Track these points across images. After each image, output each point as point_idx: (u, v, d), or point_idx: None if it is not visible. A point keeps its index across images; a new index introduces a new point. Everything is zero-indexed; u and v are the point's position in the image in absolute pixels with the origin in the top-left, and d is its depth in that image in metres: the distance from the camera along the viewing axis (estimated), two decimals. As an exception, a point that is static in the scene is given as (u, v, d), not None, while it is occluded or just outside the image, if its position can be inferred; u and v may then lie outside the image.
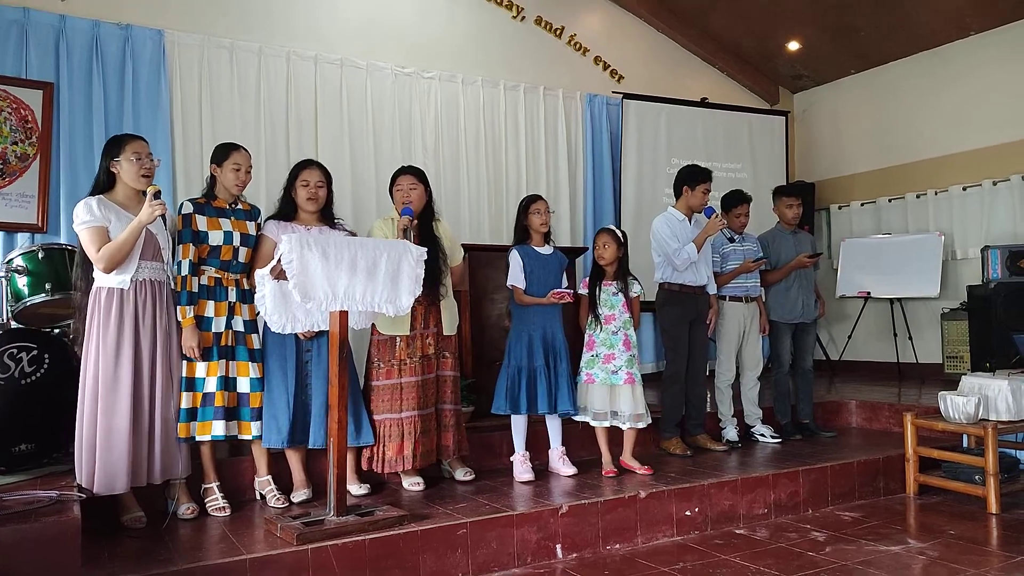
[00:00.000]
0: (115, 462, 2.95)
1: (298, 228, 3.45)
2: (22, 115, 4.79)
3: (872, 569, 2.94)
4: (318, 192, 3.50)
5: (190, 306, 3.19)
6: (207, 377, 3.21)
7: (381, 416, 3.52)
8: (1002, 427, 3.84)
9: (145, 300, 3.07)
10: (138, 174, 3.09)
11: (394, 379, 3.54)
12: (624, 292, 3.92)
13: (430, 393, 3.61)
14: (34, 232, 4.77)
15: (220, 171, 3.36)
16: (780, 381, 4.81)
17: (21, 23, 4.83)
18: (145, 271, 3.09)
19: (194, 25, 5.40)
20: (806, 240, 4.97)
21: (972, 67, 6.85)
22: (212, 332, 3.24)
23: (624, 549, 3.26)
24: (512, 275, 3.83)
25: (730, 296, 4.61)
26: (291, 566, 2.64)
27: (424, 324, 3.62)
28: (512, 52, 6.72)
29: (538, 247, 3.90)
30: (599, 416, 3.85)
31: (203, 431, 3.19)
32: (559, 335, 3.84)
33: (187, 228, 3.23)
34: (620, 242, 3.95)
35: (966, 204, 6.87)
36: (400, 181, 3.71)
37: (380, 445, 3.51)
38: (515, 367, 3.76)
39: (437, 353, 3.66)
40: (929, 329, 6.99)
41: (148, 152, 3.14)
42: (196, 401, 3.19)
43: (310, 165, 3.57)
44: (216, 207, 3.35)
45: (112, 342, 2.99)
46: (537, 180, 6.63)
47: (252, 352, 3.35)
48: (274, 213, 3.55)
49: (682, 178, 4.42)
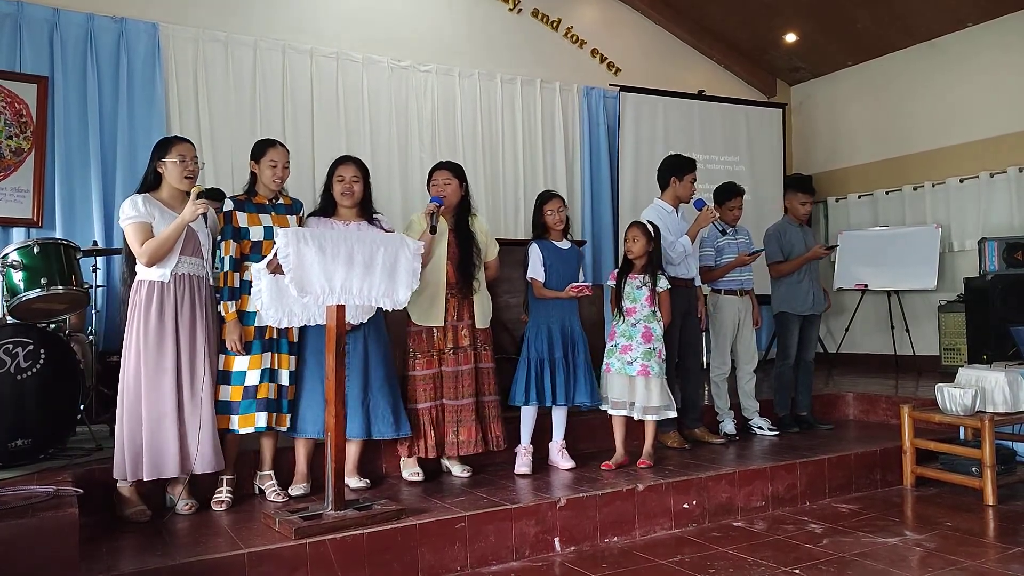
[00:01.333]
0: (164, 446, 3.01)
1: (337, 224, 3.49)
2: (16, 109, 4.77)
3: (869, 561, 2.94)
4: (353, 187, 3.51)
5: (232, 301, 3.23)
6: (248, 370, 3.25)
7: (425, 404, 3.60)
8: (999, 419, 3.85)
9: (184, 294, 3.12)
10: (181, 175, 3.15)
11: (433, 369, 3.62)
12: (648, 286, 3.91)
13: (467, 384, 3.66)
14: (29, 227, 4.76)
15: (258, 168, 3.39)
16: (783, 373, 4.79)
17: (15, 17, 4.81)
18: (185, 266, 3.14)
19: (188, 18, 5.38)
20: (810, 234, 4.97)
21: (969, 59, 6.84)
22: (255, 326, 3.28)
23: (622, 542, 3.26)
24: (532, 268, 3.86)
25: (725, 289, 4.60)
26: (289, 560, 2.64)
27: (457, 316, 3.67)
28: (509, 45, 6.70)
29: (556, 241, 3.93)
30: (617, 405, 3.87)
31: (245, 423, 3.22)
32: (577, 327, 3.87)
33: (228, 225, 3.28)
34: (650, 236, 3.94)
35: (963, 196, 6.88)
36: (436, 176, 3.75)
37: (429, 431, 3.58)
38: (535, 359, 3.79)
39: (475, 345, 3.70)
40: (926, 321, 7.00)
41: (194, 155, 3.22)
42: (234, 395, 3.23)
43: (345, 161, 3.58)
44: (256, 203, 3.37)
45: (154, 333, 3.05)
46: (534, 173, 6.62)
47: (291, 345, 3.40)
48: (315, 209, 3.59)
49: (669, 168, 4.38)
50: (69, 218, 4.95)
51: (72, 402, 3.49)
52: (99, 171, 5.01)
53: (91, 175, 5.00)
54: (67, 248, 3.66)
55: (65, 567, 2.39)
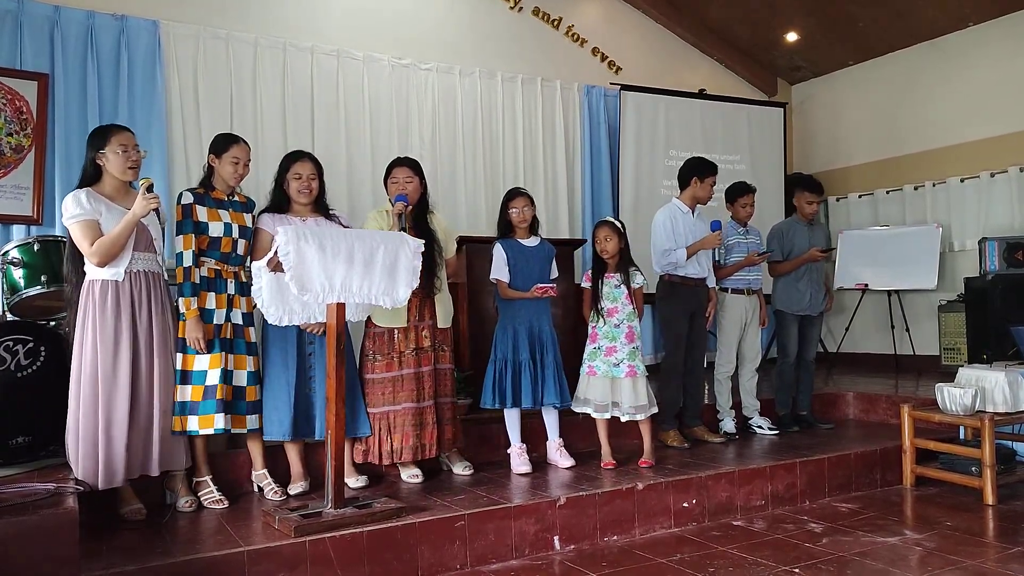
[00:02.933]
0: (115, 455, 2.94)
1: (294, 220, 3.42)
2: (17, 106, 4.76)
3: (869, 560, 2.95)
4: (311, 184, 3.46)
5: (193, 297, 3.16)
6: (208, 370, 3.18)
7: (381, 408, 3.51)
8: (999, 419, 3.85)
9: (140, 292, 3.05)
10: (125, 166, 3.06)
11: (394, 371, 3.53)
12: (626, 284, 3.92)
13: (427, 385, 3.59)
14: (29, 224, 4.75)
15: (219, 162, 3.33)
16: (784, 372, 4.80)
17: (16, 14, 4.80)
18: (139, 263, 3.07)
19: (189, 16, 5.37)
20: (820, 233, 4.95)
21: (971, 59, 6.84)
22: (213, 324, 3.23)
23: (622, 541, 3.26)
24: (495, 269, 3.81)
25: (732, 288, 4.60)
26: (289, 558, 2.64)
27: (419, 316, 3.60)
28: (509, 43, 6.69)
29: (523, 239, 3.88)
30: (600, 408, 3.85)
31: (205, 424, 3.15)
32: (546, 327, 3.82)
33: (187, 219, 3.20)
34: (621, 234, 3.94)
35: (964, 196, 6.87)
36: (395, 173, 3.67)
37: (384, 437, 3.50)
38: (501, 360, 3.76)
39: (434, 346, 3.64)
40: (926, 321, 6.99)
41: (135, 144, 3.11)
42: (192, 395, 3.16)
43: (301, 157, 3.51)
44: (215, 198, 3.32)
45: (110, 335, 2.97)
46: (535, 172, 6.62)
47: (249, 345, 3.34)
48: (267, 206, 3.51)
49: (691, 168, 4.40)
50: (69, 215, 4.94)
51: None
52: (99, 168, 5.00)
53: (91, 172, 4.99)
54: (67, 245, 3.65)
55: (65, 564, 2.39)
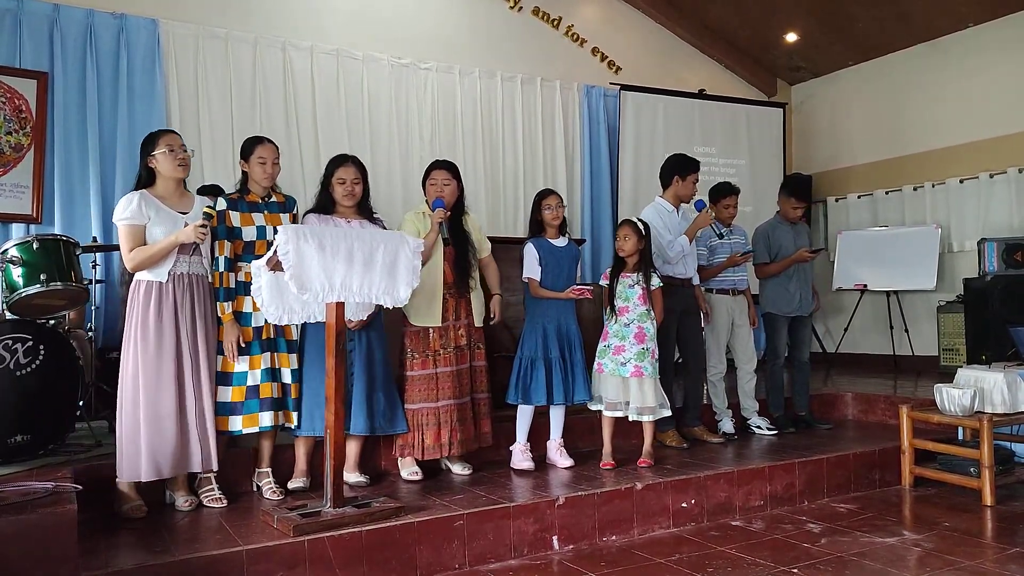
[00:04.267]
0: (163, 447, 3.01)
1: (339, 221, 3.48)
2: (16, 105, 4.76)
3: (867, 560, 2.95)
4: (354, 188, 3.51)
5: (228, 302, 3.23)
6: (250, 371, 3.24)
7: (418, 405, 3.58)
8: (997, 420, 3.85)
9: (184, 294, 3.11)
10: (175, 165, 3.15)
11: (429, 369, 3.60)
12: (641, 284, 3.89)
13: (464, 382, 3.67)
14: (29, 223, 4.75)
15: (248, 166, 3.38)
16: (775, 373, 4.81)
17: (15, 12, 4.80)
18: (183, 265, 3.13)
19: (189, 15, 5.38)
20: (804, 233, 4.95)
21: (970, 59, 6.84)
22: (252, 327, 3.28)
23: (621, 541, 3.26)
24: (528, 268, 3.85)
25: (717, 289, 4.60)
26: (288, 557, 2.64)
27: (456, 316, 3.67)
28: (509, 43, 6.70)
29: (552, 239, 3.91)
30: (611, 406, 3.86)
31: (249, 423, 3.22)
32: (573, 326, 3.87)
33: (221, 225, 3.26)
34: (641, 234, 3.92)
35: (963, 197, 6.88)
36: (435, 175, 3.73)
37: (419, 433, 3.57)
38: (528, 358, 3.79)
39: (470, 344, 3.71)
40: (925, 321, 7.00)
41: (181, 143, 3.21)
42: (235, 395, 3.22)
43: (345, 162, 3.55)
44: (249, 202, 3.36)
45: (153, 333, 3.04)
46: (534, 172, 6.62)
47: (290, 343, 3.41)
48: (313, 207, 3.56)
49: (672, 167, 4.39)
50: (68, 214, 4.94)
51: (71, 398, 3.49)
52: (98, 167, 5.01)
53: (90, 171, 5.00)
54: (66, 244, 3.65)
55: (64, 563, 2.39)
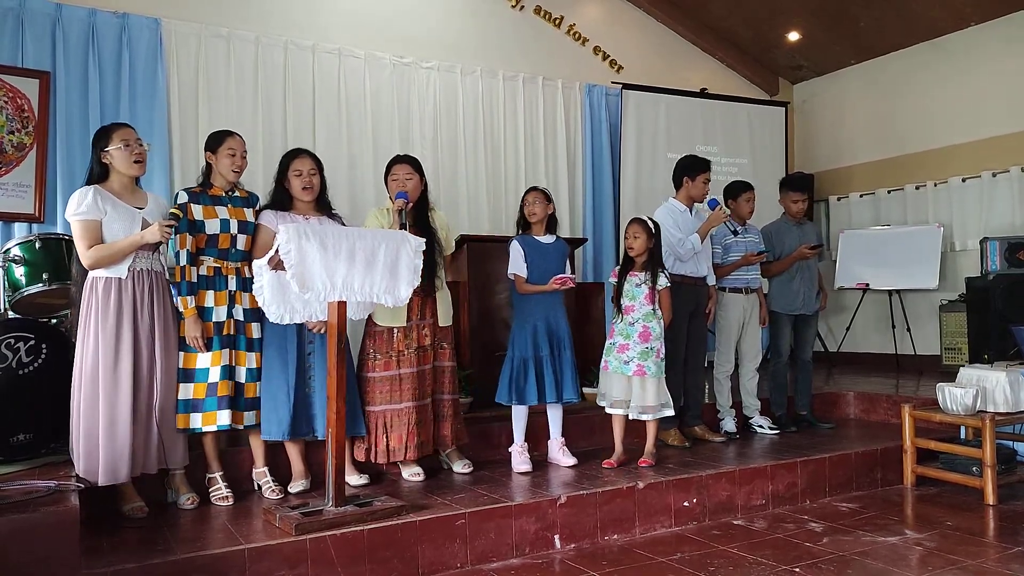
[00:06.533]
0: (118, 451, 2.95)
1: (296, 217, 3.42)
2: (18, 104, 4.76)
3: (869, 560, 2.95)
4: (312, 180, 3.45)
5: (191, 296, 3.18)
6: (211, 367, 3.20)
7: (381, 407, 3.51)
8: (1000, 419, 3.85)
9: (143, 290, 3.06)
10: (130, 160, 3.08)
11: (392, 371, 3.53)
12: (648, 284, 3.86)
13: (427, 384, 3.60)
14: (31, 222, 4.75)
15: (215, 158, 3.33)
16: (778, 372, 4.81)
17: (17, 12, 4.80)
18: (142, 261, 3.08)
19: (191, 14, 5.37)
20: (811, 231, 4.95)
21: (972, 58, 6.83)
22: (213, 322, 3.23)
23: (622, 540, 3.26)
24: (513, 264, 3.82)
25: (730, 288, 4.60)
26: (289, 556, 2.65)
27: (420, 315, 3.60)
28: (511, 42, 6.69)
29: (539, 236, 3.89)
30: (617, 404, 3.85)
31: (208, 422, 3.18)
32: (562, 323, 3.84)
33: (184, 218, 3.19)
34: (651, 233, 3.89)
35: (965, 196, 6.86)
36: (395, 170, 3.66)
37: (380, 436, 3.50)
38: (519, 357, 3.76)
39: (434, 344, 3.65)
40: (927, 321, 6.99)
41: (136, 138, 3.13)
42: (196, 392, 3.18)
43: (301, 154, 3.50)
44: (212, 195, 3.32)
45: (111, 332, 2.98)
46: (536, 171, 6.61)
47: (251, 342, 3.34)
48: (268, 203, 3.49)
49: (682, 168, 4.41)
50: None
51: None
52: (101, 166, 5.01)
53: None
54: (69, 243, 3.65)
55: (66, 562, 2.39)
